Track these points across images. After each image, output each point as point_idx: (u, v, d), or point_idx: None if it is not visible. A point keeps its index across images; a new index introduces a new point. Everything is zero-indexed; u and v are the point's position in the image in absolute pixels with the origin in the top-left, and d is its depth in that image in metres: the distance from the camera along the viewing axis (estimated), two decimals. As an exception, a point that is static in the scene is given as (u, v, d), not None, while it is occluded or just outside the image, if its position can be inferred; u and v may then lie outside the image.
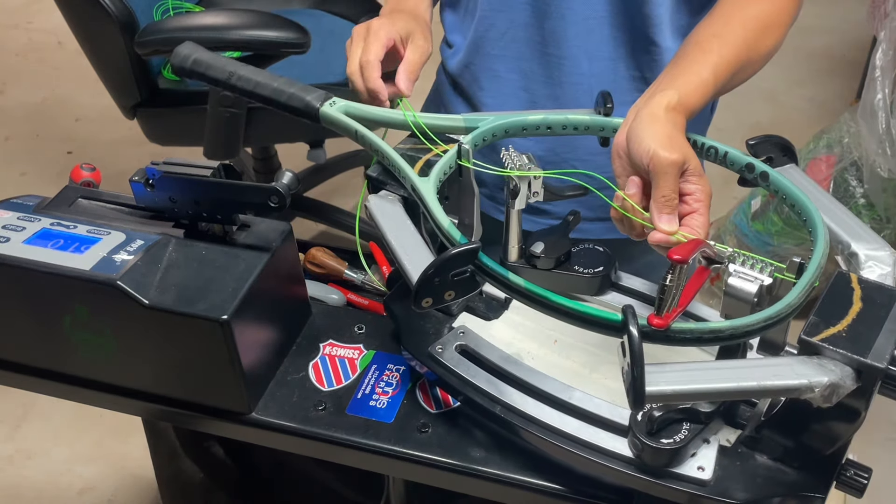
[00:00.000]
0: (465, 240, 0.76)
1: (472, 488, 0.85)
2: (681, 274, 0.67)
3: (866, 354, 0.66)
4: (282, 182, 0.86)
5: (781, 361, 0.69)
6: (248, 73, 0.93)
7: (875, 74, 1.76)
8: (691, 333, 0.68)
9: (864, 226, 0.81)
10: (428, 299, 0.73)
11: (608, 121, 0.91)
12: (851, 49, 2.93)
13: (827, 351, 0.67)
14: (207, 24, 1.63)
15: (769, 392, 0.68)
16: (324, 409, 0.88)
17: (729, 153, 0.86)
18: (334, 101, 0.93)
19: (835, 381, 0.65)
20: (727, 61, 0.88)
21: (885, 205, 1.89)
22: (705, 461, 0.75)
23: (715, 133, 1.06)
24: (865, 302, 0.70)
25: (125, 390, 0.92)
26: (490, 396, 0.81)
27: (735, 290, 0.72)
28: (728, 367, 0.69)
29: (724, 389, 0.67)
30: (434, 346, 0.86)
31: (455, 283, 0.74)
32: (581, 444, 0.77)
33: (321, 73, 1.83)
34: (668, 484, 0.74)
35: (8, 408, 1.92)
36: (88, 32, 1.77)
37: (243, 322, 0.83)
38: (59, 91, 2.88)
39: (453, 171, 0.87)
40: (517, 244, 0.91)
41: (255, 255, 0.88)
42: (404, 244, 0.80)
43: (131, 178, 0.89)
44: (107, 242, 0.87)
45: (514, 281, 0.74)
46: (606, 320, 0.68)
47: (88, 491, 1.78)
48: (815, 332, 0.68)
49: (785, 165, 0.87)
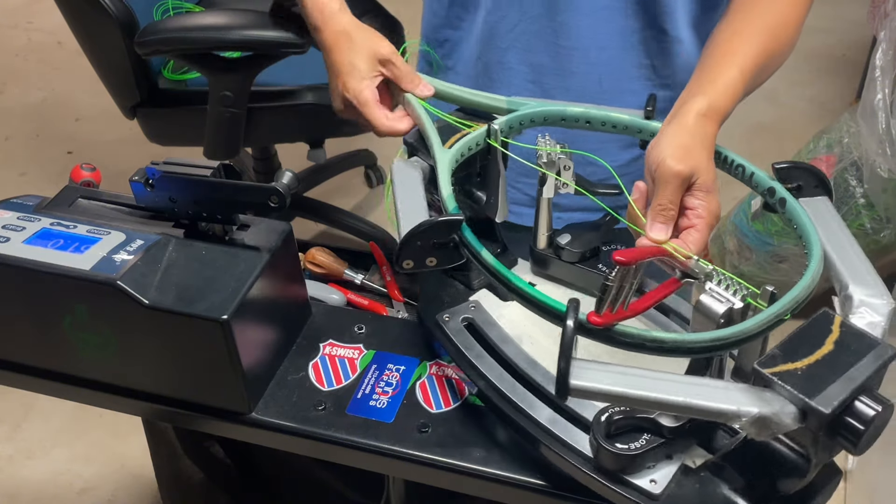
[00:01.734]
0: (456, 210, 0.78)
1: (472, 488, 0.85)
2: (623, 276, 0.66)
3: (813, 396, 0.63)
4: (282, 182, 0.86)
5: (719, 384, 0.68)
6: None
7: (875, 74, 1.76)
8: (633, 338, 0.68)
9: (872, 272, 0.76)
10: (409, 261, 0.76)
11: (647, 124, 0.90)
12: (851, 49, 2.93)
13: (776, 385, 0.65)
14: (207, 24, 1.63)
15: (694, 411, 0.67)
16: (324, 409, 0.88)
17: (755, 174, 0.85)
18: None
19: (767, 414, 0.64)
20: (752, 58, 0.88)
21: (885, 205, 1.89)
22: (660, 476, 0.74)
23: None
24: (838, 346, 0.67)
25: (125, 390, 0.92)
26: (478, 372, 0.83)
27: (704, 307, 0.71)
28: (661, 379, 0.68)
29: (646, 398, 0.66)
30: (443, 314, 0.89)
31: (437, 251, 0.76)
32: (548, 435, 0.78)
33: (321, 73, 1.81)
34: (618, 489, 0.74)
35: (8, 408, 1.92)
36: (88, 32, 1.77)
37: (243, 322, 0.83)
38: (59, 91, 2.88)
39: (481, 150, 0.89)
40: (546, 232, 0.92)
41: (255, 255, 0.88)
42: (407, 205, 0.82)
43: (131, 178, 0.89)
44: (107, 242, 0.87)
45: (484, 257, 0.76)
46: (553, 308, 0.70)
47: (88, 491, 1.78)
48: (771, 364, 0.66)
49: (815, 197, 0.84)
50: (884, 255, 1.97)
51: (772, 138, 2.67)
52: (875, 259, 1.95)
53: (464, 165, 0.90)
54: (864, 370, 0.65)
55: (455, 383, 0.90)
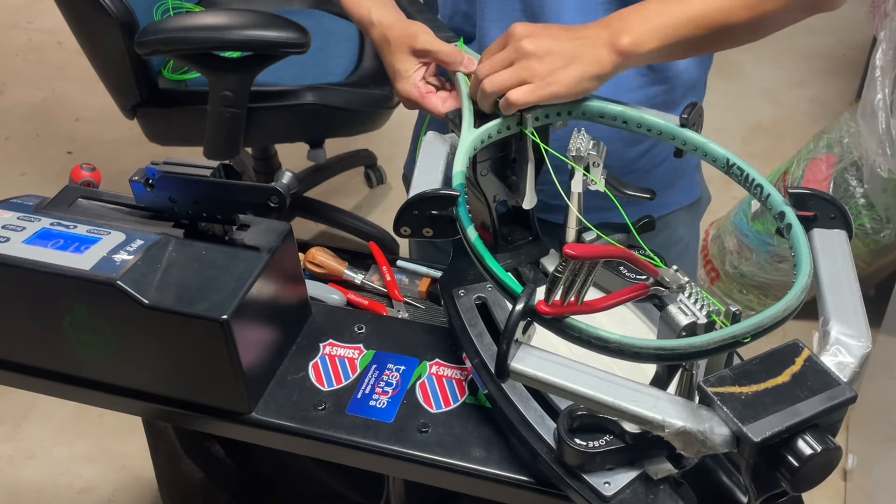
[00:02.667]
0: (461, 188, 0.80)
1: (472, 488, 0.85)
2: (575, 270, 0.66)
3: (746, 423, 0.62)
4: (282, 182, 0.86)
5: (655, 394, 0.68)
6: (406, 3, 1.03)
7: (875, 74, 1.76)
8: (580, 333, 0.68)
9: (861, 313, 0.74)
10: (406, 228, 0.79)
11: (681, 131, 0.88)
12: (851, 49, 2.93)
13: (715, 405, 0.65)
14: (207, 24, 1.63)
15: (620, 413, 0.67)
16: (324, 409, 0.88)
17: (771, 196, 0.83)
18: (460, 42, 0.99)
19: (692, 430, 0.64)
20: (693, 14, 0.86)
21: (885, 205, 1.89)
22: (616, 479, 0.74)
23: (715, 133, 1.07)
24: (795, 379, 0.66)
25: (125, 390, 0.92)
26: (474, 349, 0.84)
27: (669, 317, 0.71)
28: (598, 378, 0.69)
29: (577, 392, 0.68)
30: (460, 289, 0.91)
31: (434, 222, 0.79)
32: (521, 421, 0.79)
33: (321, 73, 1.83)
34: (571, 483, 0.75)
35: (8, 408, 1.92)
36: (88, 32, 1.77)
37: (243, 322, 0.83)
38: (59, 91, 2.88)
39: (514, 136, 0.90)
40: (574, 227, 0.93)
41: (255, 255, 0.88)
42: (422, 176, 0.84)
43: (131, 178, 0.89)
44: (107, 242, 0.87)
45: (468, 235, 0.77)
46: (511, 290, 0.71)
47: (88, 491, 1.78)
48: (718, 384, 0.66)
49: (832, 230, 0.81)
50: (884, 255, 1.97)
51: (772, 138, 2.67)
52: (875, 259, 1.97)
53: (501, 149, 0.91)
54: (813, 407, 0.64)
55: (455, 383, 0.90)
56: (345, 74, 1.85)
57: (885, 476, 1.59)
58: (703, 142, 0.88)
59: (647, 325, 0.90)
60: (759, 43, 0.94)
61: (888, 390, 1.66)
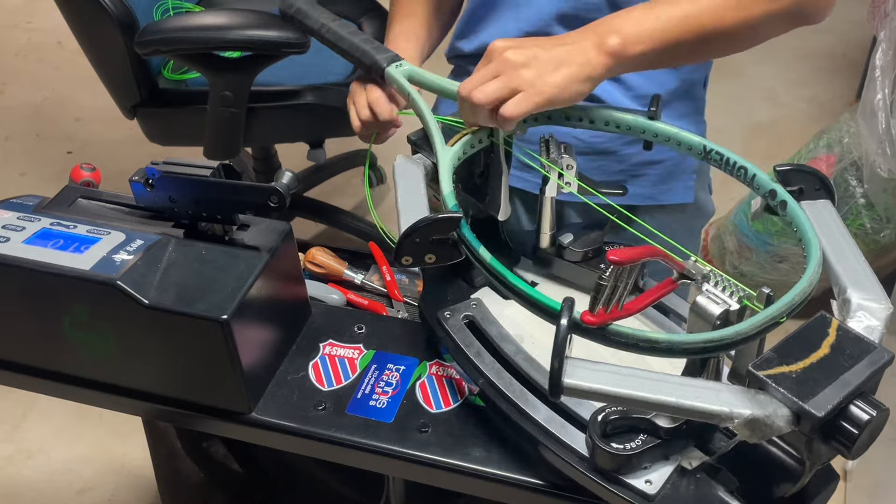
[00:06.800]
0: (456, 208, 0.78)
1: (472, 488, 0.85)
2: (617, 275, 0.66)
3: (806, 399, 0.63)
4: (282, 182, 0.86)
5: (712, 386, 0.68)
6: (337, 29, 1.04)
7: (875, 74, 1.76)
8: (627, 338, 0.68)
9: (871, 276, 0.76)
10: (408, 257, 0.76)
11: (651, 124, 0.89)
12: (851, 49, 2.93)
13: (769, 387, 0.65)
14: (207, 23, 1.63)
15: (687, 412, 0.67)
16: (324, 408, 0.88)
17: (757, 176, 0.84)
18: (401, 63, 0.98)
19: (759, 416, 0.64)
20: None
21: (885, 205, 1.89)
22: (656, 476, 0.74)
23: (714, 133, 1.06)
24: (834, 350, 0.67)
25: (125, 390, 0.92)
26: (477, 369, 0.83)
27: (700, 308, 0.71)
28: (654, 380, 0.68)
29: (638, 398, 0.67)
30: (444, 310, 0.89)
31: (436, 248, 0.77)
32: (545, 434, 0.78)
33: (321, 73, 1.83)
34: (613, 489, 0.74)
35: (8, 408, 1.92)
36: (88, 32, 1.77)
37: (243, 322, 0.83)
38: (59, 91, 2.88)
39: (484, 147, 0.89)
40: (549, 231, 0.93)
41: (255, 255, 0.88)
42: (407, 202, 0.82)
43: (131, 178, 0.89)
44: (107, 242, 0.87)
45: (482, 255, 0.76)
46: (547, 307, 0.70)
47: (88, 491, 1.78)
48: (765, 366, 0.66)
49: (818, 200, 0.83)
50: (884, 255, 1.97)
51: (772, 138, 2.67)
52: (875, 259, 1.97)
53: (466, 164, 0.90)
54: (860, 374, 0.65)
55: (455, 383, 0.90)
56: (345, 74, 1.85)
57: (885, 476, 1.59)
58: (675, 132, 0.88)
59: (642, 322, 0.90)
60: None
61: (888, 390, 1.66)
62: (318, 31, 1.06)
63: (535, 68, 0.81)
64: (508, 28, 1.05)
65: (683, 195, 1.15)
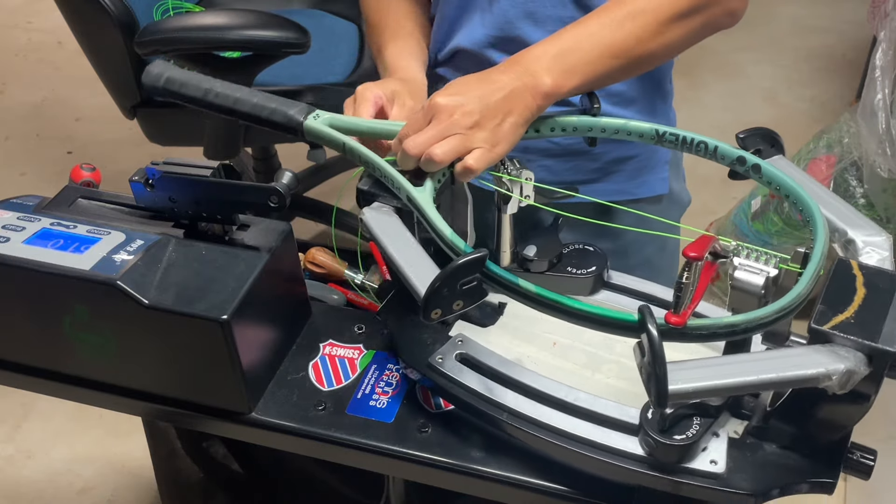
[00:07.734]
0: (469, 248, 0.75)
1: (472, 488, 0.85)
2: (696, 271, 0.67)
3: (877, 339, 0.66)
4: (282, 182, 0.86)
5: (796, 352, 0.69)
6: (226, 90, 0.89)
7: (875, 74, 1.76)
8: (707, 329, 0.68)
9: (857, 213, 0.81)
10: (437, 311, 0.72)
11: (596, 121, 0.90)
12: (851, 49, 2.93)
13: (838, 338, 0.67)
14: (207, 24, 1.63)
15: (789, 383, 0.68)
16: (324, 409, 0.88)
17: (719, 147, 0.86)
18: (318, 114, 0.90)
19: (851, 367, 0.66)
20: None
21: (885, 205, 1.89)
22: (717, 454, 0.75)
23: (715, 133, 1.06)
24: (869, 287, 0.71)
25: (125, 390, 0.92)
26: (495, 404, 0.81)
27: (742, 283, 0.72)
28: (746, 361, 0.69)
29: (745, 383, 0.67)
30: (434, 356, 0.84)
31: (463, 293, 0.72)
32: (591, 446, 0.77)
33: (321, 73, 1.83)
34: (683, 479, 0.74)
35: (8, 408, 1.92)
36: (88, 32, 1.77)
37: (243, 322, 0.83)
38: (59, 91, 2.88)
39: (446, 179, 0.86)
40: (509, 248, 0.91)
41: (255, 255, 0.88)
42: (407, 257, 0.78)
43: (131, 178, 0.89)
44: (107, 242, 0.87)
45: (524, 287, 0.73)
46: (622, 321, 0.68)
47: (88, 491, 1.78)
48: (825, 320, 0.68)
49: (773, 157, 0.87)
50: (884, 255, 1.97)
51: (772, 138, 2.67)
52: (875, 259, 1.97)
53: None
54: None
55: (455, 383, 0.90)
56: (345, 74, 1.85)
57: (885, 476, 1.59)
58: (622, 123, 0.89)
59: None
60: (760, 43, 0.95)
61: (888, 389, 1.66)
62: (204, 99, 0.89)
63: (486, 127, 0.83)
64: (476, 34, 1.05)
65: (659, 187, 1.16)
